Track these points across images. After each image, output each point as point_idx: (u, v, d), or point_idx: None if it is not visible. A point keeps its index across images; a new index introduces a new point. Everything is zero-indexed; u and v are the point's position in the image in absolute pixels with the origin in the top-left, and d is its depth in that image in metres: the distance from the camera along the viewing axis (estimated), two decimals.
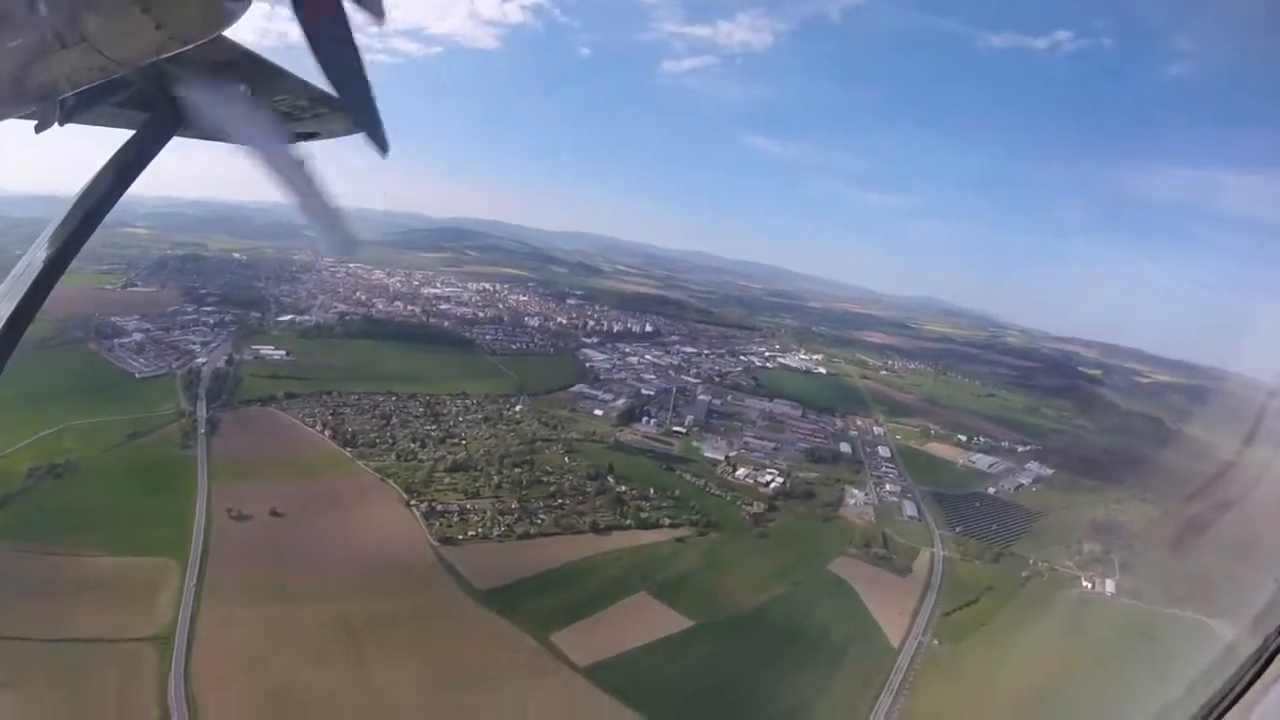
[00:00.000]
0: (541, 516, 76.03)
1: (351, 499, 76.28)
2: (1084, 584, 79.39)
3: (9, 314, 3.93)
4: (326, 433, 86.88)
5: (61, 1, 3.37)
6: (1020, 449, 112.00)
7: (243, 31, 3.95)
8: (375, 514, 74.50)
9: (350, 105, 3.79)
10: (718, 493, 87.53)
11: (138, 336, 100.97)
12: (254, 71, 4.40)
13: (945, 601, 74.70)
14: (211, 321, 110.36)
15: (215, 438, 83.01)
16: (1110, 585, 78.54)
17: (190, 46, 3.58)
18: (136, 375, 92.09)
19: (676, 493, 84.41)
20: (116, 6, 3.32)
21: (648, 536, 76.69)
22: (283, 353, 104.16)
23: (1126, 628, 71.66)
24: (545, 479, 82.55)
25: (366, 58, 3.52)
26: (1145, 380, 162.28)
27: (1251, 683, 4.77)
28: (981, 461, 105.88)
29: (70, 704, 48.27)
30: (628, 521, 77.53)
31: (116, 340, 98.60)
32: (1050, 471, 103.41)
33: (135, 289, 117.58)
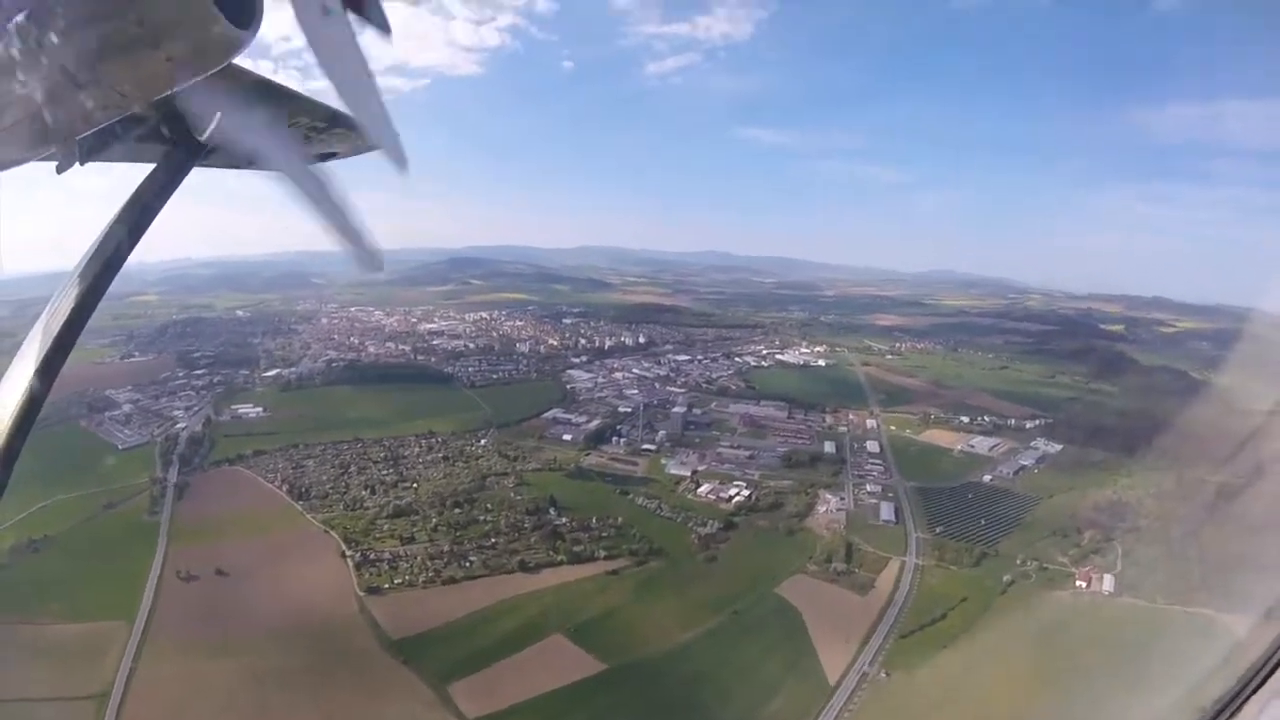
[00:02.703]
0: (471, 558, 74.15)
1: (293, 553, 77.06)
2: (1078, 583, 70.05)
3: (36, 367, 3.88)
4: (284, 488, 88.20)
5: (72, 42, 3.40)
6: (1029, 425, 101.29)
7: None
8: (311, 567, 74.99)
9: (363, 118, 3.65)
10: (668, 515, 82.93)
11: (127, 408, 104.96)
12: (268, 96, 4.52)
13: (906, 621, 67.39)
14: (200, 385, 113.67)
15: (180, 502, 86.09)
16: (1109, 582, 68.72)
17: (203, 77, 3.61)
18: (120, 446, 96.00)
19: (619, 521, 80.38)
20: (126, 43, 3.35)
21: (581, 571, 73.32)
22: (259, 410, 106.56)
23: (1124, 634, 61.94)
24: (483, 518, 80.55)
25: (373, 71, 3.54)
26: (1169, 330, 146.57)
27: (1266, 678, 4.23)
28: (981, 445, 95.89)
29: None
30: (560, 557, 74.35)
31: (107, 414, 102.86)
32: (1058, 448, 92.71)
33: (133, 359, 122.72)
